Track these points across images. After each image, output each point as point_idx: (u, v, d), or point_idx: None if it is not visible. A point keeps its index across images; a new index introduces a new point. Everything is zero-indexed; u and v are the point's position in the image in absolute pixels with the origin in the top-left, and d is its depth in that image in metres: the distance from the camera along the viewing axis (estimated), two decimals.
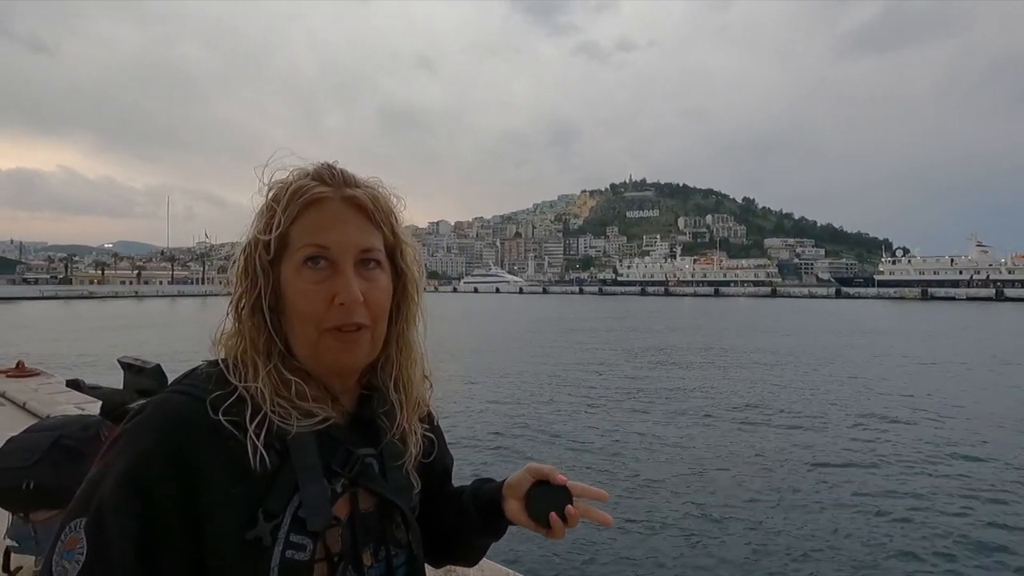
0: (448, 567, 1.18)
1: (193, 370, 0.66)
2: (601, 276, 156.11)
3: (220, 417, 0.59)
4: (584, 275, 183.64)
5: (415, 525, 0.71)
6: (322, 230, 0.64)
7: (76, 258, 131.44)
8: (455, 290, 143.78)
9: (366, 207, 0.67)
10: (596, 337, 26.35)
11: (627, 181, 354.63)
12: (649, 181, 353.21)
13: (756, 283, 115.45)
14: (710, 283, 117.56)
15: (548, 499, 0.73)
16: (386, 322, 0.69)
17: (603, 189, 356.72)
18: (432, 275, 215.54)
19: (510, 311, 53.50)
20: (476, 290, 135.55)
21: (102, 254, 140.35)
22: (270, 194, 0.66)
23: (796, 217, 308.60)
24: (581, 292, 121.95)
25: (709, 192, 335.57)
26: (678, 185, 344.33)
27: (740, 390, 12.96)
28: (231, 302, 0.66)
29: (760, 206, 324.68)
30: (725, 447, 8.46)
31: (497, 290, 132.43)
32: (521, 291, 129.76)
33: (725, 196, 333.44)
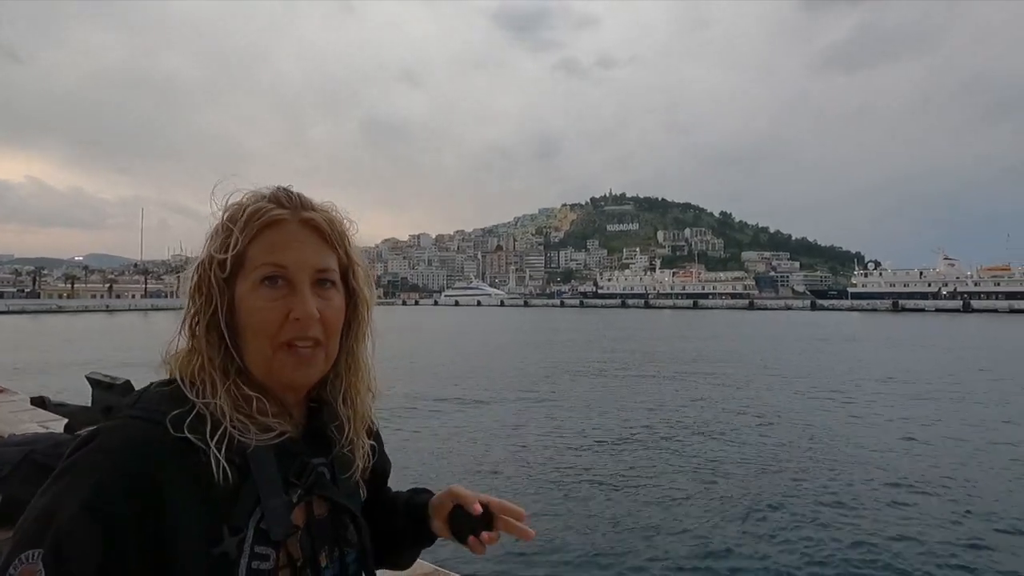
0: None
1: (144, 392, 0.66)
2: (582, 289, 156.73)
3: (186, 434, 0.60)
4: (565, 288, 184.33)
5: (364, 524, 0.75)
6: (279, 250, 0.67)
7: (45, 271, 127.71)
8: (436, 303, 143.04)
9: (322, 229, 0.70)
10: (572, 350, 26.44)
11: (607, 195, 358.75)
12: (629, 195, 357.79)
13: (734, 295, 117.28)
14: (689, 295, 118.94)
15: (467, 522, 0.78)
16: (338, 339, 0.72)
17: (584, 203, 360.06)
18: (413, 288, 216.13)
19: (488, 324, 53.39)
20: (457, 303, 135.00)
21: (72, 267, 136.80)
22: (225, 215, 0.68)
23: (772, 231, 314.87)
24: (562, 305, 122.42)
25: (688, 206, 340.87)
26: (657, 199, 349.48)
27: (717, 401, 13.09)
28: (183, 320, 0.68)
29: (737, 220, 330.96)
30: (678, 457, 8.52)
31: (478, 303, 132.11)
32: (502, 304, 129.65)
33: (703, 210, 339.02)
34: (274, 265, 0.66)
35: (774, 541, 5.69)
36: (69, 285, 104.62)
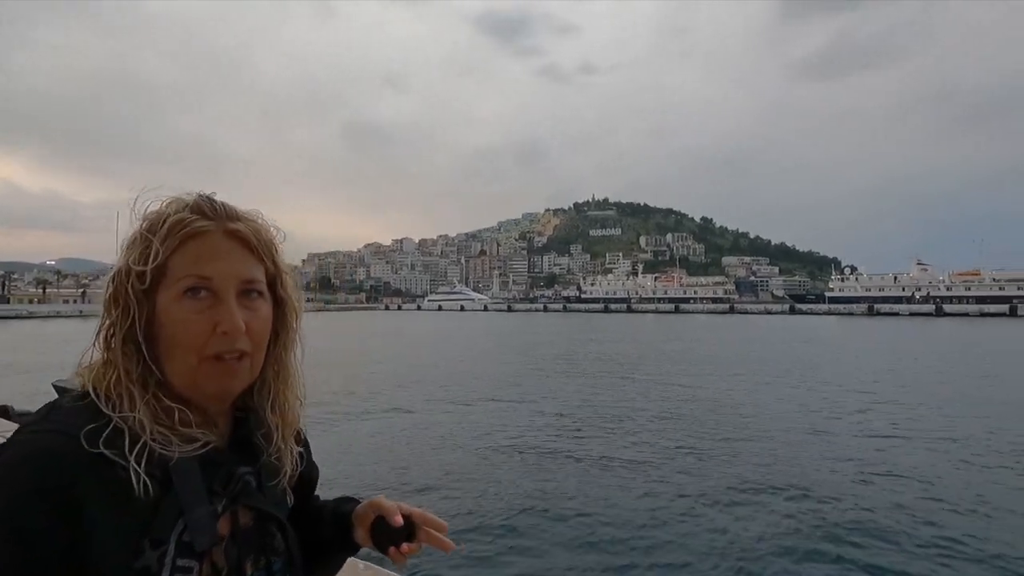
0: None
1: (54, 406, 0.65)
2: (565, 293, 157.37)
3: (102, 449, 0.58)
4: (548, 292, 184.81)
5: (292, 532, 0.75)
6: (204, 262, 0.66)
7: (15, 276, 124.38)
8: (419, 308, 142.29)
9: (248, 240, 0.70)
10: (554, 354, 26.52)
11: (590, 200, 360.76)
12: (612, 200, 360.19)
13: (715, 300, 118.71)
14: (671, 300, 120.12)
15: (388, 534, 0.79)
16: (265, 349, 0.72)
17: (567, 208, 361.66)
18: (396, 293, 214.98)
19: (470, 329, 53.31)
20: (440, 308, 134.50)
21: (44, 271, 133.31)
22: (144, 224, 0.67)
23: (752, 236, 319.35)
24: (545, 310, 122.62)
25: (669, 211, 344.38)
26: (639, 204, 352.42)
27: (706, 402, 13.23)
28: (97, 331, 0.66)
29: (718, 225, 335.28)
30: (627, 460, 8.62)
31: (462, 308, 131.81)
32: (486, 308, 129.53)
33: (684, 215, 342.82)
34: (198, 277, 0.65)
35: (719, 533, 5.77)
36: (40, 290, 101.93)
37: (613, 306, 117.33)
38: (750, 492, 7.21)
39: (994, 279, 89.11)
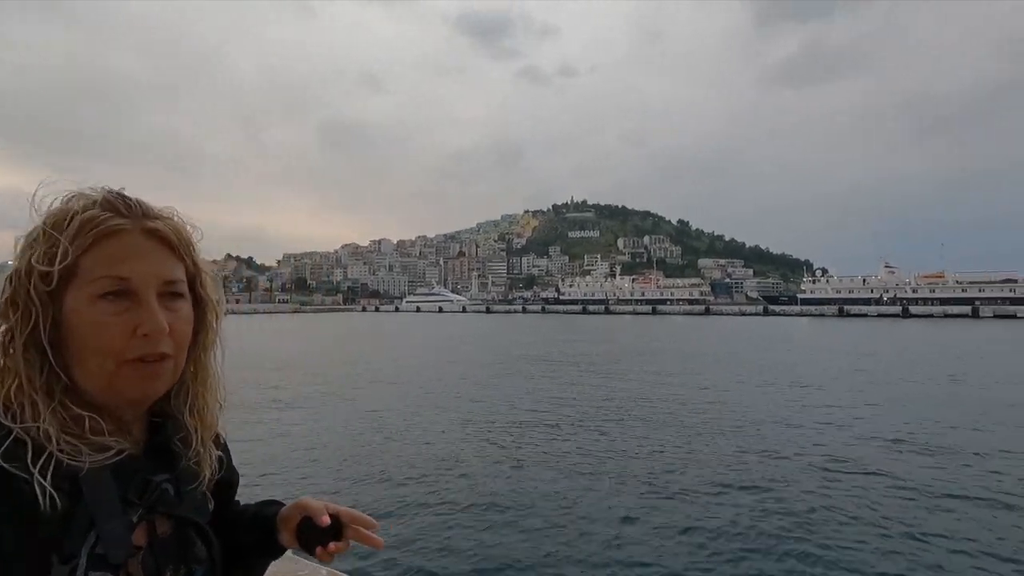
0: None
1: None
2: (544, 295, 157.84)
3: (1, 464, 0.56)
4: (527, 294, 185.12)
5: (214, 539, 0.73)
6: (121, 262, 0.63)
7: None
8: (397, 309, 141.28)
9: (169, 239, 0.67)
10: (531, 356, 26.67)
11: (569, 202, 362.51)
12: (590, 202, 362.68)
13: (691, 301, 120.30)
14: (648, 301, 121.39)
15: (314, 534, 0.78)
16: (187, 350, 0.70)
17: (545, 209, 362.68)
18: (373, 294, 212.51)
19: (448, 330, 53.21)
20: (419, 309, 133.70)
21: (3, 270, 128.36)
22: (47, 221, 0.63)
23: (727, 239, 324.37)
24: (524, 311, 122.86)
25: (647, 214, 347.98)
26: (618, 207, 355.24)
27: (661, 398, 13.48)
28: None
29: (694, 228, 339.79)
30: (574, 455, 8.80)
31: (440, 309, 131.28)
32: (464, 310, 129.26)
33: (662, 218, 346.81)
34: (116, 278, 0.62)
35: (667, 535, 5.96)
36: None
37: (591, 307, 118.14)
38: (719, 486, 7.44)
39: (957, 281, 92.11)
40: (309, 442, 9.96)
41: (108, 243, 0.63)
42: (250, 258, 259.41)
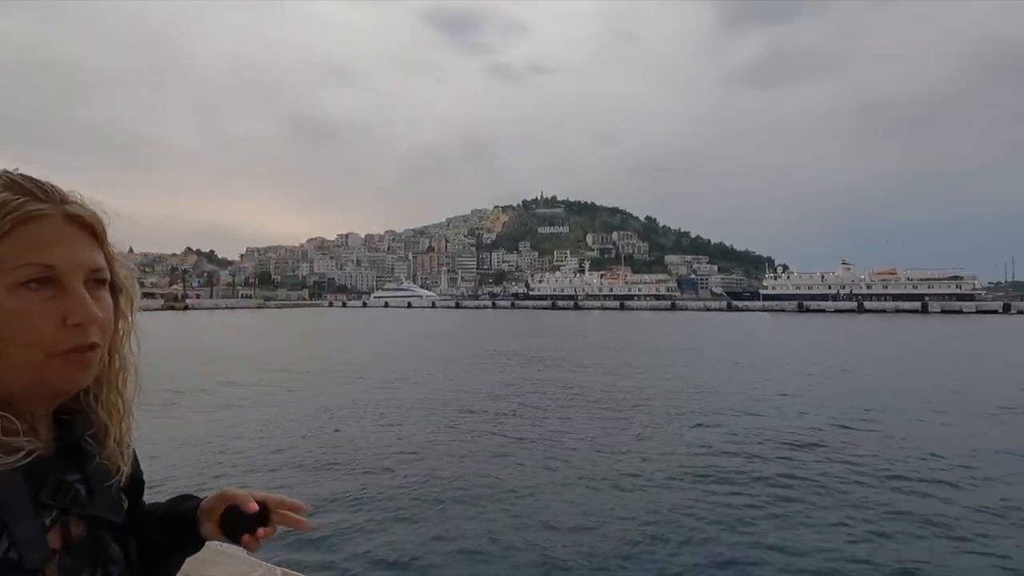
0: None
1: None
2: (514, 290, 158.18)
3: None
4: (497, 289, 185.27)
5: (130, 539, 0.71)
6: (43, 248, 0.60)
7: None
8: (365, 304, 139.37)
9: (92, 225, 0.64)
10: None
11: (539, 198, 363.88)
12: (560, 198, 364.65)
13: (658, 297, 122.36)
14: (616, 297, 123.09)
15: (240, 522, 0.77)
16: (109, 340, 0.67)
17: (515, 205, 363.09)
18: (340, 289, 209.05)
19: (416, 326, 52.84)
20: (387, 305, 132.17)
21: None
22: None
23: (693, 236, 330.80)
24: (494, 306, 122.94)
25: (615, 210, 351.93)
26: (587, 203, 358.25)
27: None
28: None
29: (661, 224, 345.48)
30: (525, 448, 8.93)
31: (409, 305, 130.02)
32: (434, 305, 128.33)
33: (630, 215, 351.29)
34: (40, 265, 0.59)
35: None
36: None
37: (560, 303, 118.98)
38: (678, 474, 7.60)
39: (908, 278, 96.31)
40: (262, 436, 9.77)
41: (27, 228, 0.59)
42: (211, 252, 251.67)
